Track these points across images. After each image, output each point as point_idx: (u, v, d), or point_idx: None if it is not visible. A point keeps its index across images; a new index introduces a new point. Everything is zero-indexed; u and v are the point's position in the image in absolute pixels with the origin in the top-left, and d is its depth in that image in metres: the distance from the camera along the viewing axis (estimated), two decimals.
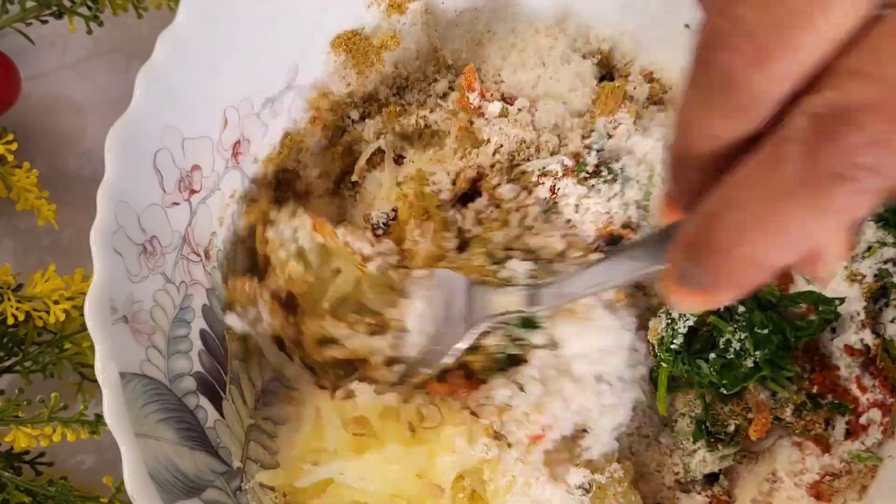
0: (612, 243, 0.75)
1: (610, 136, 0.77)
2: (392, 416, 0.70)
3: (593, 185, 0.75)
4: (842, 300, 0.74)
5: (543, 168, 0.74)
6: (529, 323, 0.71)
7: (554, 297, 0.64)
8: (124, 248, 0.64)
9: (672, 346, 0.73)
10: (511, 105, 0.79)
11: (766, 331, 0.71)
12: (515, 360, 0.72)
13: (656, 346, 0.74)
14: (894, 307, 0.75)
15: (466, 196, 0.78)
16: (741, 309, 0.73)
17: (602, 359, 0.71)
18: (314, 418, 0.73)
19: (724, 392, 0.72)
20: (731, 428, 0.74)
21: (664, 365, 0.73)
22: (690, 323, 0.73)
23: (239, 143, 0.76)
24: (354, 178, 0.83)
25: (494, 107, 0.78)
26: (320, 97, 0.81)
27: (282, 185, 0.83)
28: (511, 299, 0.67)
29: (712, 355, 0.72)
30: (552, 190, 0.74)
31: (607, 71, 0.88)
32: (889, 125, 0.33)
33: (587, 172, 0.75)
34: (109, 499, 0.78)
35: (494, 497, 0.67)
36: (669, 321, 0.74)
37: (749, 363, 0.72)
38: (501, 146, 0.76)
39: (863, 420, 0.74)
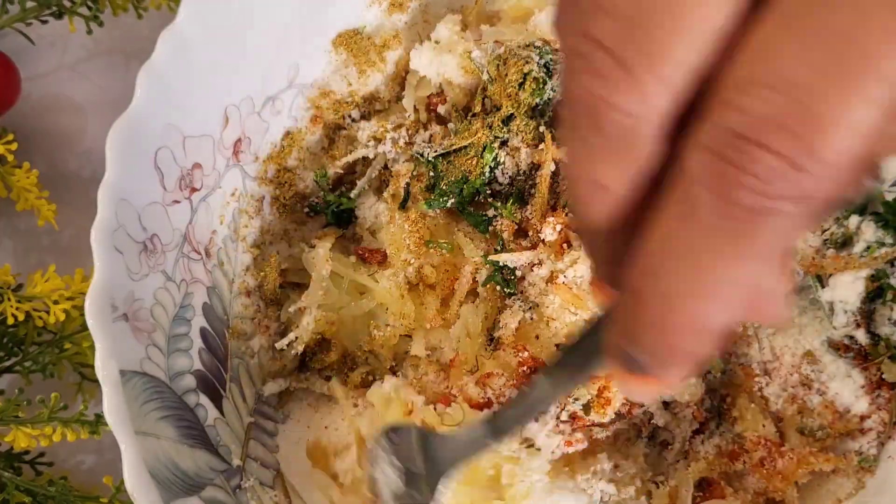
0: None
1: None
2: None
3: None
4: None
5: None
6: None
7: (516, 419, 0.54)
8: (125, 246, 0.64)
9: None
10: None
11: None
12: None
13: None
14: (889, 307, 0.75)
15: None
16: None
17: None
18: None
19: None
20: None
21: None
22: None
23: (240, 141, 0.76)
24: (330, 172, 0.82)
25: None
26: (321, 96, 0.81)
27: None
28: (472, 438, 0.55)
29: None
30: None
31: None
32: (797, 141, 0.27)
33: None
34: (109, 499, 0.78)
35: (512, 501, 0.66)
36: None
37: None
38: None
39: (867, 424, 0.74)
